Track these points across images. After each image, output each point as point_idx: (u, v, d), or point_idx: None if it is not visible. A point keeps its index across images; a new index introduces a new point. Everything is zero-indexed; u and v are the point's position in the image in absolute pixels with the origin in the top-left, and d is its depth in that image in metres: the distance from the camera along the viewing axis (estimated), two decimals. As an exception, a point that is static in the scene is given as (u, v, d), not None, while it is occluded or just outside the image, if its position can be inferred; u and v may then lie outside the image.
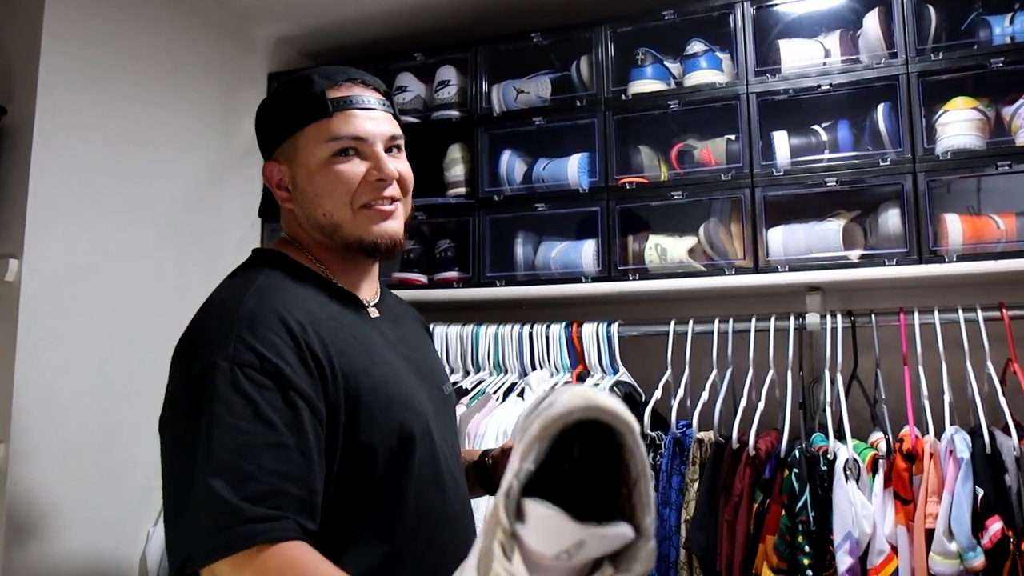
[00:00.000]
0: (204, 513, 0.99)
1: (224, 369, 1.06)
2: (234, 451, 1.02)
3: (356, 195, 1.27)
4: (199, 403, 1.05)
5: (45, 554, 1.85)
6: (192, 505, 1.01)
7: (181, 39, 2.31)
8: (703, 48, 2.19)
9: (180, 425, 1.09)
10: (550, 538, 0.66)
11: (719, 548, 1.80)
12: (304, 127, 1.27)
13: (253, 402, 1.05)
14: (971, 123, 1.92)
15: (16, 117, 1.90)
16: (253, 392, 1.06)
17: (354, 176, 1.27)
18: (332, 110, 1.27)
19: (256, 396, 1.06)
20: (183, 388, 1.10)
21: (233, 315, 1.13)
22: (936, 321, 1.90)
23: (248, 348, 1.09)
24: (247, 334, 1.10)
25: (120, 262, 2.08)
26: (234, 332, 1.10)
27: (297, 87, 1.30)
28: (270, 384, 1.07)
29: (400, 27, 2.59)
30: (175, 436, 1.09)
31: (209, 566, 0.98)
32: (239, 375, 1.06)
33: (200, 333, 1.15)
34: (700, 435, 1.92)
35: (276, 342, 1.11)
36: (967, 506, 1.61)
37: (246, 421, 1.04)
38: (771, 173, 2.05)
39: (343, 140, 1.26)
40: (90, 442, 1.98)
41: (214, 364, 1.07)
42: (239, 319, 1.12)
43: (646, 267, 2.17)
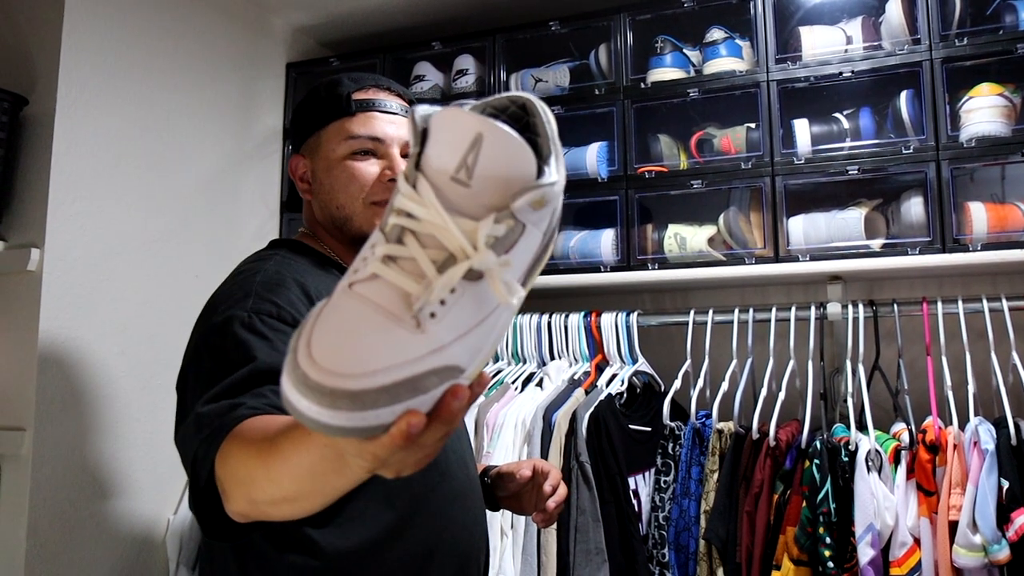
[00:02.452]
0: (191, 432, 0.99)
1: (242, 317, 1.11)
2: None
3: (369, 192, 1.33)
4: (217, 348, 1.09)
5: (67, 541, 1.87)
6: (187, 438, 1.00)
7: (200, 29, 2.32)
8: (723, 36, 2.18)
9: (199, 370, 1.11)
10: (448, 139, 0.60)
11: (739, 539, 1.79)
12: (328, 124, 1.35)
13: (267, 340, 1.08)
14: (996, 110, 1.89)
15: (37, 107, 1.91)
16: (269, 333, 1.09)
17: (369, 174, 1.33)
18: (355, 110, 1.34)
19: (271, 335, 1.09)
20: (203, 339, 1.13)
21: (251, 280, 1.19)
22: (960, 311, 1.87)
23: (266, 300, 1.14)
24: (264, 291, 1.16)
25: (140, 251, 2.09)
26: (253, 291, 1.15)
27: (327, 88, 1.38)
28: (286, 328, 1.11)
29: (418, 16, 2.58)
30: (193, 382, 1.11)
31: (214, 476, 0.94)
32: (255, 320, 1.10)
33: (220, 298, 1.19)
34: (720, 425, 1.91)
35: (293, 299, 1.16)
36: (992, 498, 1.59)
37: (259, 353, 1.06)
38: (792, 162, 2.03)
39: (361, 139, 1.33)
40: (111, 429, 1.99)
41: (233, 315, 1.11)
42: (257, 282, 1.18)
43: (665, 256, 2.16)
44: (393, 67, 2.53)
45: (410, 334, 0.58)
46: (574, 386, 2.05)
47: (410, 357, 0.58)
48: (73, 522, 1.89)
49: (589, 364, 2.15)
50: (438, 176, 0.60)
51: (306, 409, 0.57)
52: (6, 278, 1.89)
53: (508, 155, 0.60)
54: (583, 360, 2.17)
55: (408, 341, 0.58)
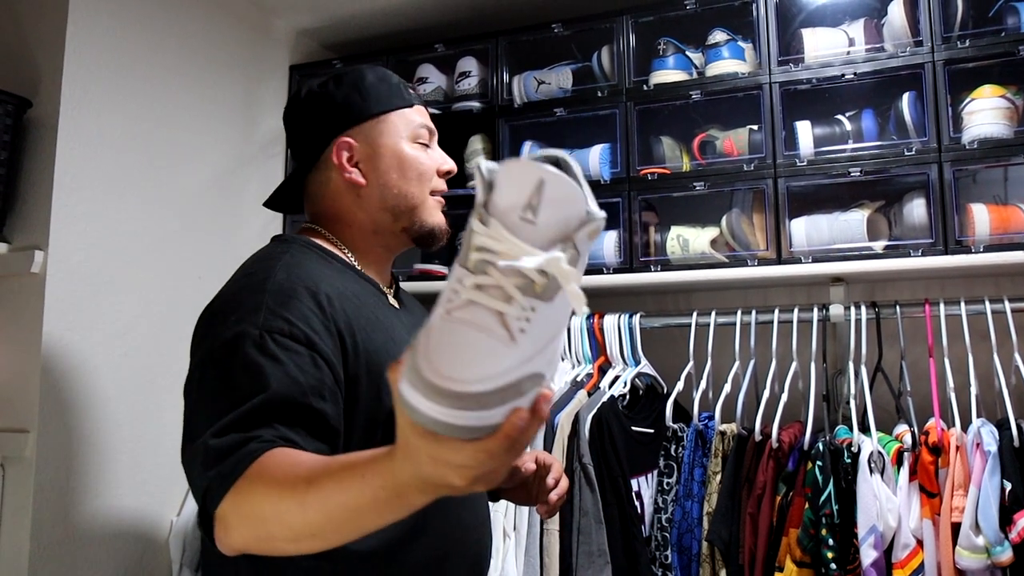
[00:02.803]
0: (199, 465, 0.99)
1: (253, 335, 1.08)
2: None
3: (433, 183, 1.39)
4: (227, 368, 1.07)
5: (71, 543, 1.87)
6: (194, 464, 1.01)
7: (204, 31, 2.32)
8: (725, 38, 2.18)
9: (206, 388, 1.09)
10: (514, 185, 0.72)
11: (742, 541, 1.79)
12: (391, 111, 1.37)
13: (279, 363, 1.07)
14: (998, 111, 1.89)
15: (41, 110, 1.91)
16: (282, 354, 1.08)
17: (431, 165, 1.39)
18: (413, 102, 1.40)
19: (284, 357, 1.07)
20: (211, 354, 1.11)
21: (262, 286, 1.16)
22: (962, 312, 1.88)
23: (277, 316, 1.11)
24: (276, 304, 1.13)
25: (144, 253, 2.10)
26: (264, 303, 1.13)
27: (376, 74, 1.39)
28: (299, 348, 1.10)
29: (421, 18, 2.59)
30: (199, 399, 1.10)
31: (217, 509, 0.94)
32: (267, 340, 1.08)
33: (229, 303, 1.17)
34: (722, 427, 1.91)
35: (304, 312, 1.14)
36: (994, 500, 1.59)
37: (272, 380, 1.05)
38: (794, 163, 2.03)
39: (424, 131, 1.39)
40: (115, 431, 2.00)
41: (244, 331, 1.09)
42: (268, 290, 1.15)
43: (668, 258, 2.16)
44: (396, 69, 2.53)
45: (507, 347, 0.70)
46: (577, 388, 2.05)
47: (510, 365, 0.70)
48: (76, 524, 1.89)
49: (592, 366, 2.15)
50: (508, 216, 0.72)
51: (435, 412, 0.69)
52: (10, 280, 1.89)
53: (566, 196, 0.73)
54: (586, 362, 2.17)
55: (508, 353, 0.70)
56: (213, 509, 0.94)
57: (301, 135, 1.40)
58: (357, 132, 1.36)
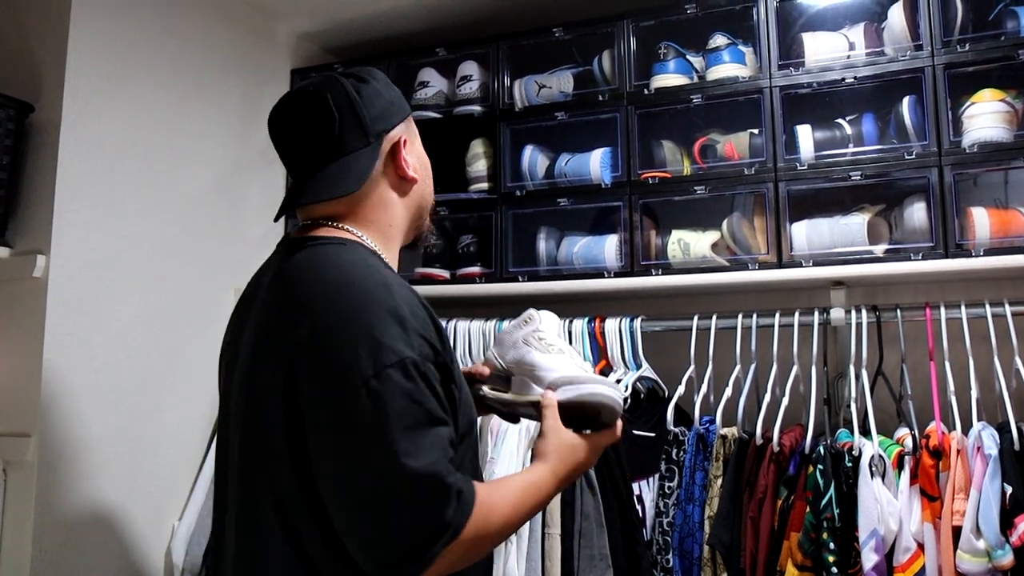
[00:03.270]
0: (418, 497, 1.06)
1: (412, 359, 1.11)
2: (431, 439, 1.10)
3: None
4: (399, 395, 1.08)
5: (72, 547, 1.87)
6: (398, 493, 1.06)
7: (205, 36, 2.33)
8: (726, 42, 2.18)
9: (381, 417, 1.07)
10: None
11: (743, 545, 1.79)
12: (410, 113, 1.42)
13: (436, 395, 1.14)
14: (998, 115, 1.89)
15: (43, 115, 1.92)
16: (435, 384, 1.14)
17: None
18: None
19: (437, 387, 1.14)
20: (364, 387, 1.08)
21: (397, 306, 1.15)
22: (963, 316, 1.87)
23: (423, 339, 1.15)
24: (415, 321, 1.15)
25: (145, 257, 2.10)
26: (408, 325, 1.13)
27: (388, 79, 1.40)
28: (434, 371, 1.15)
29: (422, 22, 2.59)
30: (374, 423, 1.07)
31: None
32: (426, 367, 1.13)
33: (372, 326, 1.12)
34: (724, 431, 1.91)
35: (427, 324, 1.18)
36: (995, 503, 1.59)
37: (418, 406, 1.10)
38: (795, 167, 2.03)
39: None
40: (117, 436, 2.00)
41: (404, 358, 1.10)
42: (403, 309, 1.15)
43: (669, 262, 2.17)
44: (397, 73, 2.54)
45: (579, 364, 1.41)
46: (578, 391, 2.05)
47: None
48: (78, 528, 1.89)
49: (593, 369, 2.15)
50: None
51: (611, 391, 1.35)
52: (12, 284, 1.90)
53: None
54: (587, 365, 2.17)
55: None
56: (448, 536, 1.07)
57: (345, 131, 1.29)
58: (403, 128, 1.37)
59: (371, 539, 1.06)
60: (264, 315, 1.24)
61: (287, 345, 1.15)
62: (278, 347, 1.17)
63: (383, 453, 1.05)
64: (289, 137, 1.34)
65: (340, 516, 1.09)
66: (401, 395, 1.07)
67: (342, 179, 1.29)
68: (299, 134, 1.32)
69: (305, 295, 1.17)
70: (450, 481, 1.08)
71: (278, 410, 1.14)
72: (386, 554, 1.05)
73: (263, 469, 1.18)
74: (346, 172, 1.29)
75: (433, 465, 1.06)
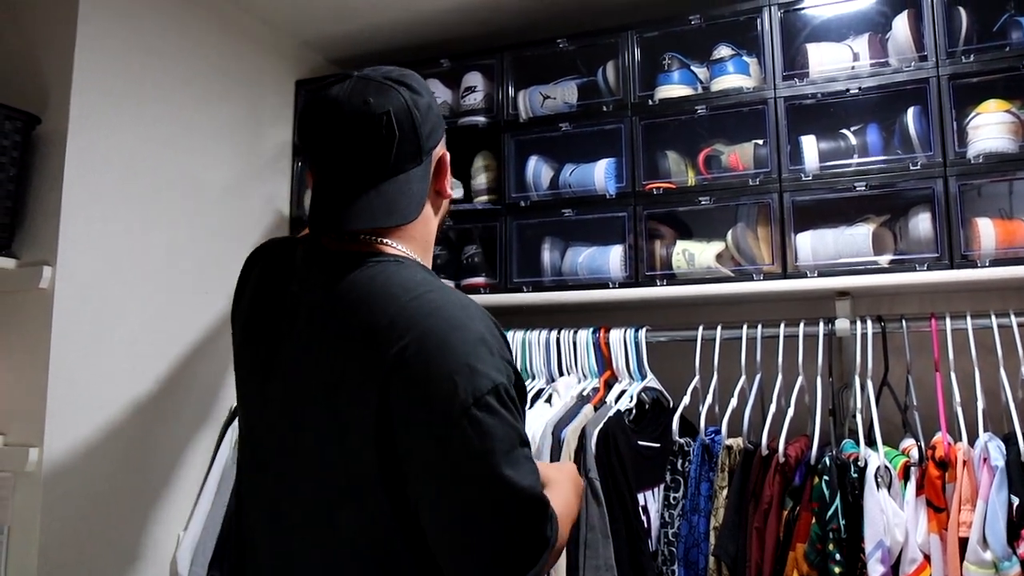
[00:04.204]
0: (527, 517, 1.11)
1: (504, 385, 1.13)
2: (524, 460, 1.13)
3: None
4: (496, 415, 1.11)
5: (78, 558, 1.87)
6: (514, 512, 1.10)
7: (210, 48, 2.34)
8: (730, 53, 2.18)
9: (488, 436, 1.10)
10: None
11: (748, 556, 1.79)
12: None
13: (521, 414, 1.18)
14: (1003, 126, 1.89)
15: (50, 126, 1.92)
16: (519, 403, 1.17)
17: None
18: None
19: (517, 408, 1.16)
20: (466, 416, 1.09)
21: (487, 334, 1.17)
22: (968, 326, 1.87)
23: (509, 364, 1.18)
24: (501, 349, 1.18)
25: (151, 268, 2.10)
26: (498, 351, 1.16)
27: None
28: (516, 396, 1.17)
29: (426, 33, 2.60)
30: (467, 468, 1.09)
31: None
32: (512, 391, 1.15)
33: (472, 353, 1.13)
34: (729, 441, 1.91)
35: (508, 354, 1.21)
36: (1002, 515, 1.59)
37: (513, 430, 1.13)
38: (799, 178, 2.03)
39: None
40: (123, 446, 2.00)
41: (497, 384, 1.12)
42: (491, 337, 1.18)
43: (674, 272, 2.17)
44: (401, 84, 2.54)
45: None
46: (583, 402, 2.05)
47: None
48: (84, 539, 1.89)
49: (598, 380, 2.15)
50: None
51: None
52: (18, 295, 1.90)
53: None
54: (592, 376, 2.17)
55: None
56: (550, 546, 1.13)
57: (404, 149, 1.24)
58: (443, 142, 1.37)
59: (480, 560, 1.09)
60: (339, 340, 1.18)
61: (378, 376, 1.12)
62: (364, 377, 1.14)
63: (492, 478, 1.08)
64: (338, 147, 1.23)
65: (445, 540, 1.11)
66: (499, 421, 1.10)
67: (401, 204, 1.24)
68: (354, 147, 1.22)
69: (388, 319, 1.14)
70: (547, 499, 1.14)
71: (367, 436, 1.13)
72: (501, 573, 1.09)
73: (343, 491, 1.16)
74: (404, 196, 1.25)
75: (534, 485, 1.11)
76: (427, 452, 1.10)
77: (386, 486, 1.12)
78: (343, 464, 1.16)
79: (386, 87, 1.24)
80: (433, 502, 1.10)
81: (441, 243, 2.46)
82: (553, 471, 1.38)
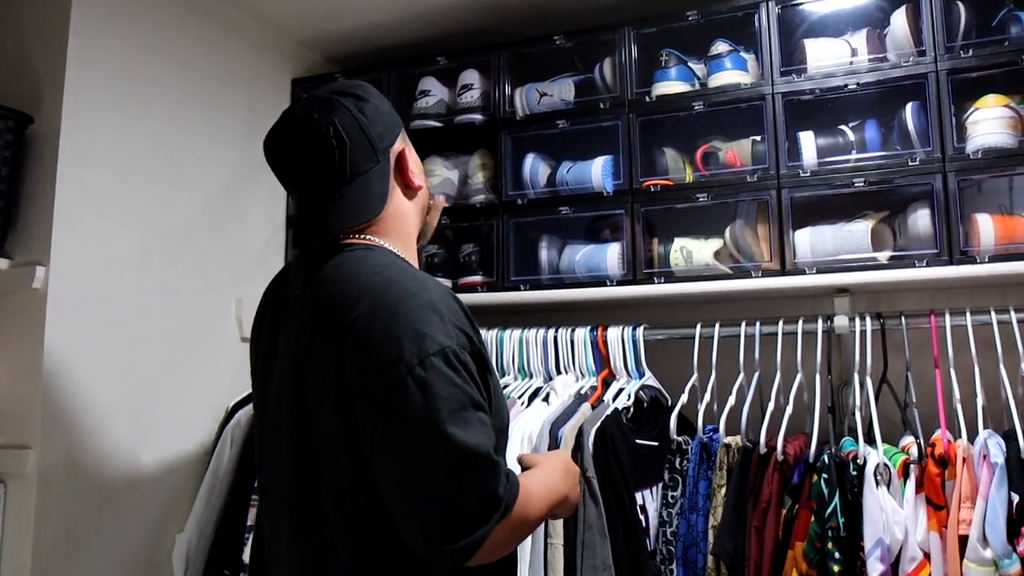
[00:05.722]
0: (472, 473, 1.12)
1: (452, 349, 1.16)
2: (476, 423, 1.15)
3: None
4: (442, 381, 1.13)
5: (72, 560, 1.87)
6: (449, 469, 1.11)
7: (205, 46, 2.33)
8: (727, 48, 2.18)
9: (430, 401, 1.12)
10: None
11: (747, 554, 1.78)
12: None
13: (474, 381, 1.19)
14: (1002, 121, 1.88)
15: (43, 126, 1.92)
16: (472, 370, 1.19)
17: None
18: None
19: (473, 373, 1.19)
20: (410, 376, 1.13)
21: (435, 302, 1.20)
22: (968, 323, 1.86)
23: (460, 331, 1.21)
24: (452, 316, 1.21)
25: (145, 268, 2.09)
26: (446, 318, 1.19)
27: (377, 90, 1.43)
28: (472, 364, 1.20)
29: (422, 31, 2.59)
30: (426, 407, 1.12)
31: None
32: (463, 354, 1.18)
33: (411, 317, 1.17)
34: (727, 440, 1.90)
35: (465, 323, 1.24)
36: (1002, 512, 1.58)
37: (461, 391, 1.15)
38: (798, 174, 2.02)
39: None
40: (118, 447, 1.99)
41: (444, 347, 1.15)
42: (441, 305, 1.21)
43: (671, 270, 2.16)
44: (398, 82, 2.54)
45: None
46: (580, 401, 2.04)
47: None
48: (78, 540, 1.89)
49: (595, 378, 2.14)
50: None
51: None
52: (11, 296, 1.89)
53: None
54: (589, 374, 2.16)
55: None
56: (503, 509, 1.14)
57: (356, 154, 1.33)
58: (401, 138, 1.43)
59: (427, 520, 1.11)
60: (309, 319, 1.27)
61: (334, 345, 1.19)
62: (324, 348, 1.20)
63: (435, 435, 1.10)
64: (296, 164, 1.36)
65: (395, 500, 1.14)
66: (445, 381, 1.13)
67: (364, 202, 1.34)
68: (309, 161, 1.33)
69: (347, 294, 1.22)
70: (498, 459, 1.15)
71: (330, 406, 1.19)
72: (444, 532, 1.10)
73: (318, 464, 1.22)
74: (365, 194, 1.34)
75: (483, 444, 1.13)
76: (375, 413, 1.14)
77: (349, 453, 1.18)
78: (318, 438, 1.22)
79: (330, 102, 1.34)
80: (383, 463, 1.15)
81: (438, 241, 2.46)
82: (542, 456, 1.45)
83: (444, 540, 1.10)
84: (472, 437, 1.12)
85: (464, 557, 1.11)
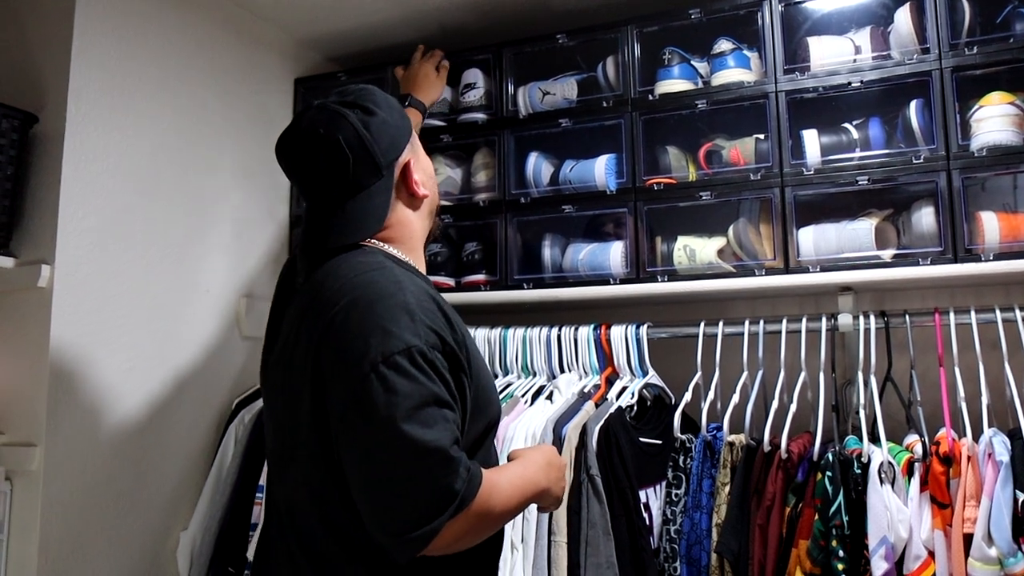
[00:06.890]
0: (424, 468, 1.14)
1: (420, 348, 1.20)
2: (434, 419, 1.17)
3: None
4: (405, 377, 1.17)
5: (78, 557, 1.87)
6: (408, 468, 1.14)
7: (208, 46, 2.33)
8: (731, 47, 2.17)
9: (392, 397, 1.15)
10: None
11: (751, 553, 1.78)
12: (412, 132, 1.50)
13: (445, 380, 1.22)
14: (1007, 118, 1.88)
15: (47, 125, 1.92)
16: (441, 369, 1.22)
17: None
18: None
19: (443, 371, 1.22)
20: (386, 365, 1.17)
21: (407, 302, 1.24)
22: (972, 321, 1.86)
23: (430, 330, 1.23)
24: (424, 316, 1.24)
25: (150, 266, 2.10)
26: (417, 317, 1.23)
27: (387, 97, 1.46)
28: (441, 359, 1.23)
29: (425, 30, 2.59)
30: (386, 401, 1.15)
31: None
32: (431, 354, 1.21)
33: (381, 316, 1.22)
34: (731, 438, 1.90)
35: (438, 320, 1.26)
36: (1007, 511, 1.57)
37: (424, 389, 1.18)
38: (801, 172, 2.02)
39: None
40: (123, 445, 2.00)
41: (411, 346, 1.19)
42: (412, 304, 1.24)
43: (675, 268, 2.15)
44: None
45: None
46: (584, 399, 2.04)
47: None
48: (84, 538, 1.89)
49: (599, 377, 2.14)
50: None
51: None
52: (16, 295, 1.90)
53: None
54: (593, 373, 2.16)
55: None
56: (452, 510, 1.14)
57: (359, 169, 1.37)
58: (409, 148, 1.45)
59: (383, 510, 1.15)
60: (301, 311, 1.33)
61: (315, 338, 1.25)
62: (307, 340, 1.26)
63: (391, 430, 1.13)
64: (302, 175, 1.42)
65: (357, 492, 1.18)
66: (407, 380, 1.16)
67: (364, 219, 1.39)
68: (313, 173, 1.39)
69: (333, 290, 1.28)
70: (455, 454, 1.16)
71: (307, 395, 1.24)
72: (397, 524, 1.13)
73: (299, 457, 1.28)
74: (366, 210, 1.39)
75: (439, 440, 1.15)
76: (340, 405, 1.19)
77: (322, 445, 1.23)
78: (299, 430, 1.27)
79: (337, 116, 1.37)
80: (347, 455, 1.19)
81: (441, 240, 2.45)
82: (526, 449, 1.47)
83: (398, 530, 1.13)
84: (428, 433, 1.14)
85: (417, 547, 1.14)
